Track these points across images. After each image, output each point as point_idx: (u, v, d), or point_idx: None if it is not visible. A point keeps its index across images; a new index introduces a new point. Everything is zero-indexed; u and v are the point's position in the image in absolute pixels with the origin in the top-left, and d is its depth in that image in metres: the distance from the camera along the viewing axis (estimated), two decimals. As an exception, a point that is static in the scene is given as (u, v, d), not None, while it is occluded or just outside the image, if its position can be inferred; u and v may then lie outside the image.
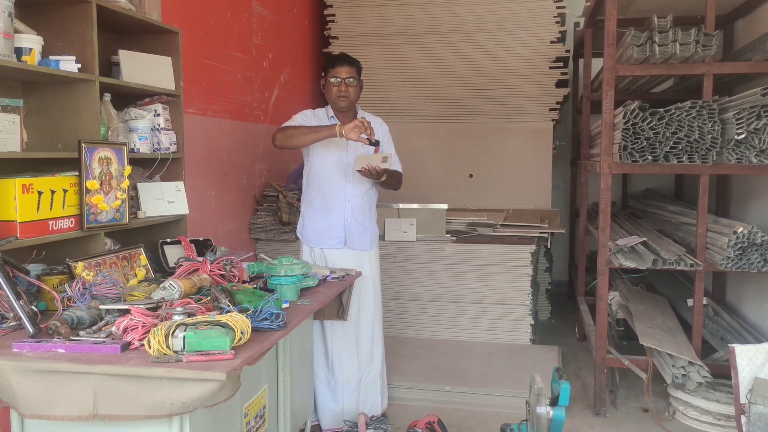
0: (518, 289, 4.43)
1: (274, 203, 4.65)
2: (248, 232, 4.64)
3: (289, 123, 3.21)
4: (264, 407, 2.48)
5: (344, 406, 3.33)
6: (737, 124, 3.21)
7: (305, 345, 3.04)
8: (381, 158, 3.00)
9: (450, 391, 3.72)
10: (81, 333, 1.88)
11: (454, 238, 4.56)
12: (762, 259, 3.25)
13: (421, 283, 4.58)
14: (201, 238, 3.02)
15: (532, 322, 4.45)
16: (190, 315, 1.89)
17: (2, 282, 1.92)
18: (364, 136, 2.93)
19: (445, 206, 4.64)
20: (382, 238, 4.59)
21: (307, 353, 3.07)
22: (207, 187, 3.96)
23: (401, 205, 4.62)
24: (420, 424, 3.08)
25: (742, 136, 3.22)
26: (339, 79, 3.18)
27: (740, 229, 3.27)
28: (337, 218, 3.25)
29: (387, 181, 3.19)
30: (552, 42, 5.22)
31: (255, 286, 2.54)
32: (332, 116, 3.27)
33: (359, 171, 3.03)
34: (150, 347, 1.74)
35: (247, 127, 4.51)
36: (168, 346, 1.74)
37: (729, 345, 2.98)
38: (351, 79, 3.19)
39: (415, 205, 4.64)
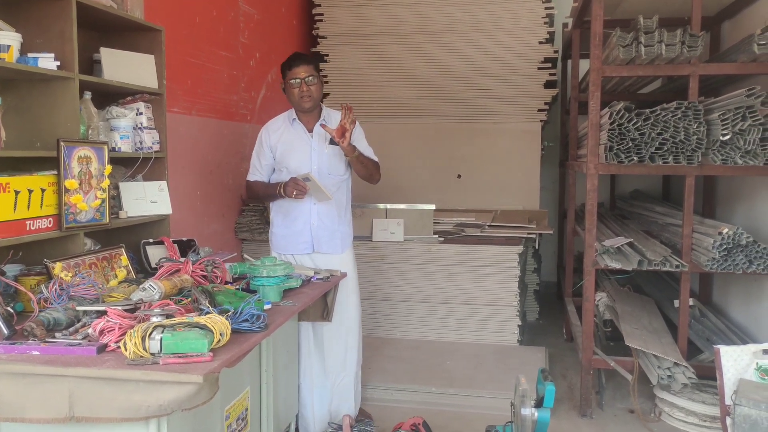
0: (506, 290, 4.42)
1: (261, 203, 4.62)
2: (234, 232, 4.60)
3: (251, 169, 3.33)
4: (246, 410, 2.45)
5: (315, 412, 3.24)
6: (722, 125, 3.21)
7: (289, 347, 3.01)
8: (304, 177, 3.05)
9: (436, 392, 3.70)
10: (57, 335, 1.85)
11: (442, 239, 4.54)
12: (747, 260, 3.25)
13: (408, 284, 4.56)
14: (184, 239, 2.99)
15: (520, 323, 4.44)
16: (168, 316, 1.86)
17: (-24, 283, 1.89)
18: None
19: (432, 207, 4.62)
20: (368, 238, 4.57)
21: (291, 355, 3.05)
22: (192, 187, 3.93)
23: (389, 206, 4.61)
24: (405, 426, 3.07)
25: (728, 137, 3.22)
26: (299, 80, 3.08)
27: (725, 230, 3.27)
28: (303, 223, 3.20)
29: (363, 164, 3.17)
30: (540, 42, 5.22)
31: (238, 287, 2.51)
32: (294, 119, 3.21)
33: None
34: (126, 349, 1.71)
35: (233, 127, 4.48)
36: (145, 348, 1.71)
37: (714, 346, 2.98)
38: (311, 78, 3.09)
39: (402, 206, 4.62)
